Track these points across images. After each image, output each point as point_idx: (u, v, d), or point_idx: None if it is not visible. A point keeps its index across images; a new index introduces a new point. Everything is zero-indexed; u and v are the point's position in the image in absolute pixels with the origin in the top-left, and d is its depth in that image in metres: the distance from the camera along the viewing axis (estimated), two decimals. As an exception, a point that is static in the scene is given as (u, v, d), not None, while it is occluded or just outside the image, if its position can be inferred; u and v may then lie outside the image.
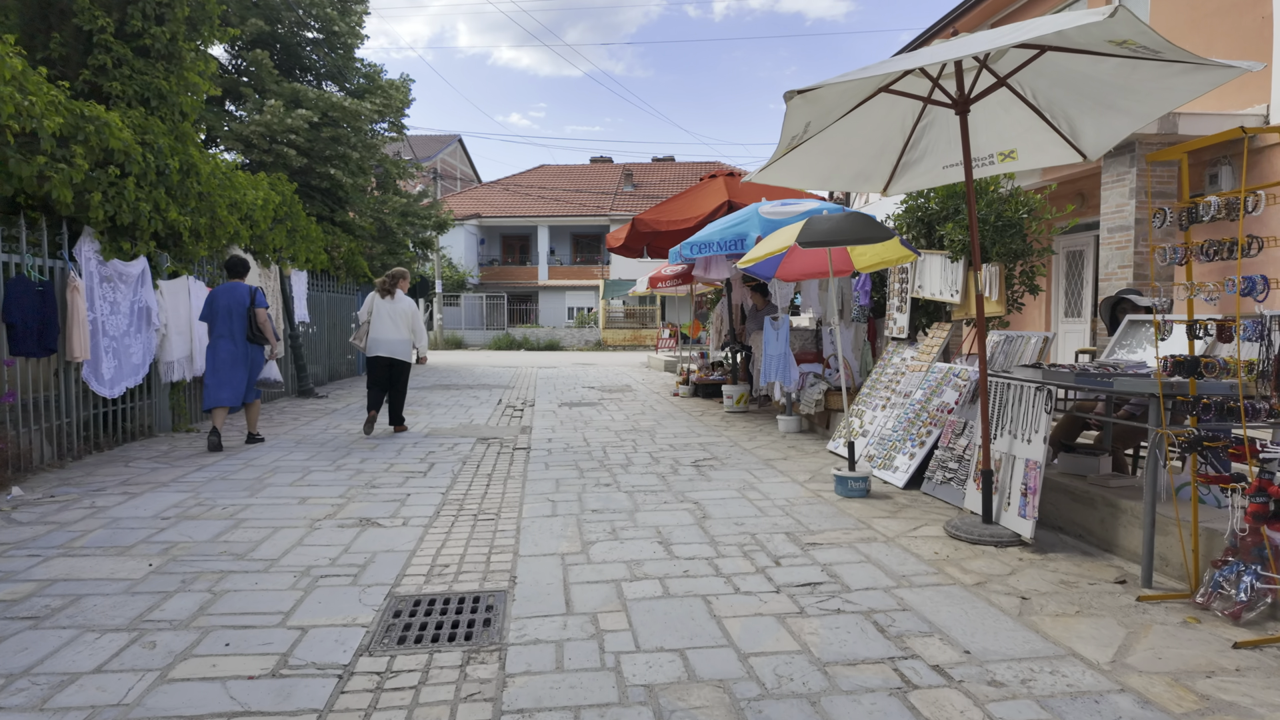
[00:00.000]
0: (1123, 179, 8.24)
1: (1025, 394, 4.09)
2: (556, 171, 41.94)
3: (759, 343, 9.42)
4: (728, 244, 7.22)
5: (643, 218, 8.87)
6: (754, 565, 3.73)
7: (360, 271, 14.57)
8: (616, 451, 6.93)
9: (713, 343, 12.60)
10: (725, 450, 6.94)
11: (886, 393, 6.41)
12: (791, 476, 5.80)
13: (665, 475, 5.87)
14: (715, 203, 8.49)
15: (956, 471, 4.96)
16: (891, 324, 6.75)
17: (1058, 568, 3.66)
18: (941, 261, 5.97)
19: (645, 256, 11.02)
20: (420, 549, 4.02)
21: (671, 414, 9.62)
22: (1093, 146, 4.57)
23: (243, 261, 7.21)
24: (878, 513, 4.73)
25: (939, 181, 5.17)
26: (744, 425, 8.50)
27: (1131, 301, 4.97)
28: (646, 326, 33.71)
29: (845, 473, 5.14)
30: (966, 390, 5.28)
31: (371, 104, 14.50)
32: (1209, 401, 2.88)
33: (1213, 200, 2.88)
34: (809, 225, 4.91)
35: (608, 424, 8.74)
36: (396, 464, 6.29)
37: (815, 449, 6.97)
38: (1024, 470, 4.00)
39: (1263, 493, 2.47)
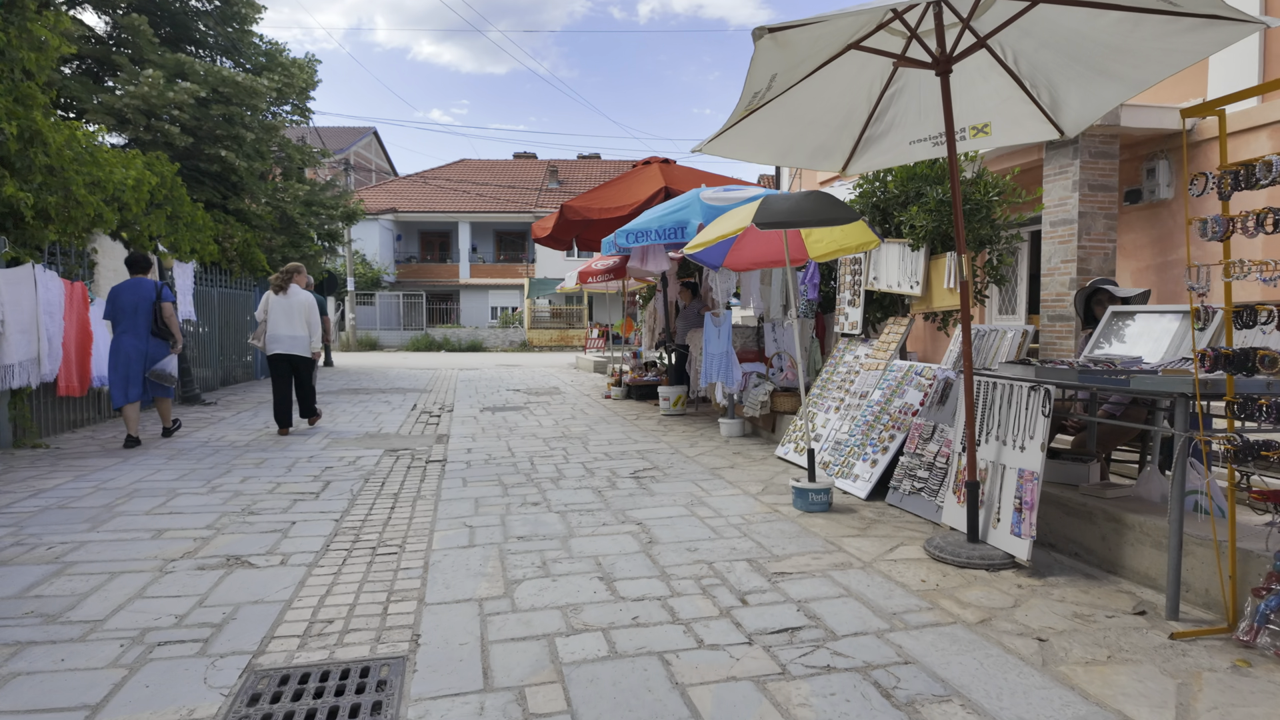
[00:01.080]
0: (1065, 171, 8.06)
1: (1017, 395, 3.59)
2: (478, 166, 40.58)
3: (697, 341, 8.84)
4: (667, 232, 6.59)
5: (572, 204, 8.14)
6: (716, 606, 3.08)
7: (257, 265, 13.25)
8: (545, 463, 6.18)
9: (646, 341, 11.97)
10: (666, 458, 6.30)
11: (839, 394, 5.90)
12: (743, 488, 5.20)
13: (602, 490, 5.17)
14: (651, 189, 7.85)
15: (927, 481, 4.45)
16: (842, 319, 6.26)
17: (1064, 596, 3.16)
18: (900, 250, 5.50)
19: (574, 249, 10.30)
20: (299, 598, 3.19)
21: (604, 418, 8.93)
22: (1074, 121, 4.14)
23: (144, 257, 7.08)
24: (845, 530, 4.17)
25: (903, 159, 4.66)
26: (683, 429, 7.89)
27: (1108, 292, 4.59)
28: (574, 326, 32.89)
29: (805, 484, 4.57)
30: (933, 390, 4.80)
31: (270, 81, 13.20)
32: (1268, 403, 2.40)
33: (1274, 159, 2.40)
34: (766, 204, 4.31)
35: (535, 430, 7.97)
36: (285, 483, 5.36)
37: (763, 455, 6.41)
38: (1017, 482, 3.50)
39: None
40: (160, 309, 6.85)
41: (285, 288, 7.47)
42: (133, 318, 6.75)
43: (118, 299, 6.79)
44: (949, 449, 4.38)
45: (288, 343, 7.44)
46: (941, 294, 5.15)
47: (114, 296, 6.82)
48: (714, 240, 4.51)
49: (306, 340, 7.54)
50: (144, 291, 6.84)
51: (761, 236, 5.26)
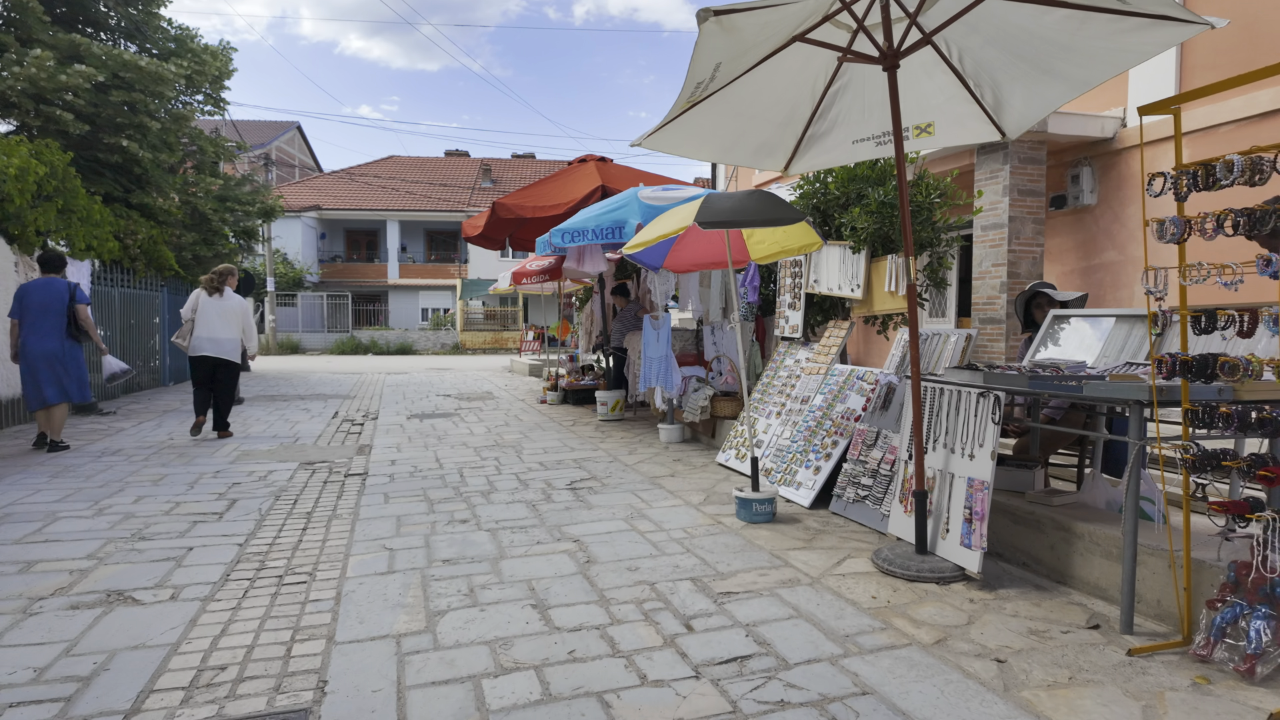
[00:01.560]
0: (996, 176, 8.19)
1: (965, 401, 3.48)
2: (408, 163, 39.45)
3: (635, 344, 8.62)
4: (604, 232, 6.34)
5: (505, 202, 7.80)
6: (660, 634, 2.85)
7: (164, 263, 12.36)
8: (476, 474, 5.84)
9: (582, 344, 11.70)
10: (604, 467, 6.04)
11: (781, 398, 5.77)
12: (684, 498, 4.99)
13: (536, 504, 4.88)
14: (588, 188, 7.59)
15: (871, 489, 4.34)
16: (783, 322, 6.14)
17: (1017, 610, 3.05)
18: (841, 253, 5.40)
19: (507, 249, 9.95)
20: (188, 640, 2.80)
21: (540, 424, 8.61)
22: (1015, 122, 4.09)
23: (58, 256, 6.91)
24: (790, 542, 4.00)
25: (845, 159, 4.55)
26: (622, 436, 7.65)
27: (1048, 295, 4.59)
28: (508, 328, 32.28)
29: (748, 494, 4.40)
30: (876, 395, 4.70)
31: (178, 68, 12.34)
32: (1229, 411, 2.32)
33: (1235, 159, 2.32)
34: (708, 203, 4.12)
35: (465, 439, 7.59)
36: (185, 502, 4.87)
37: (703, 461, 6.23)
38: (966, 491, 3.39)
39: None
40: (75, 311, 6.71)
41: (220, 289, 7.38)
42: (41, 318, 6.57)
43: (25, 298, 6.60)
44: (893, 456, 4.28)
45: (216, 345, 7.28)
46: (883, 297, 5.07)
47: (21, 295, 6.63)
48: (654, 240, 4.30)
49: (236, 345, 7.41)
50: (55, 291, 6.66)
51: (703, 237, 5.08)
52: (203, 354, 7.27)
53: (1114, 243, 8.33)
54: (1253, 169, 2.27)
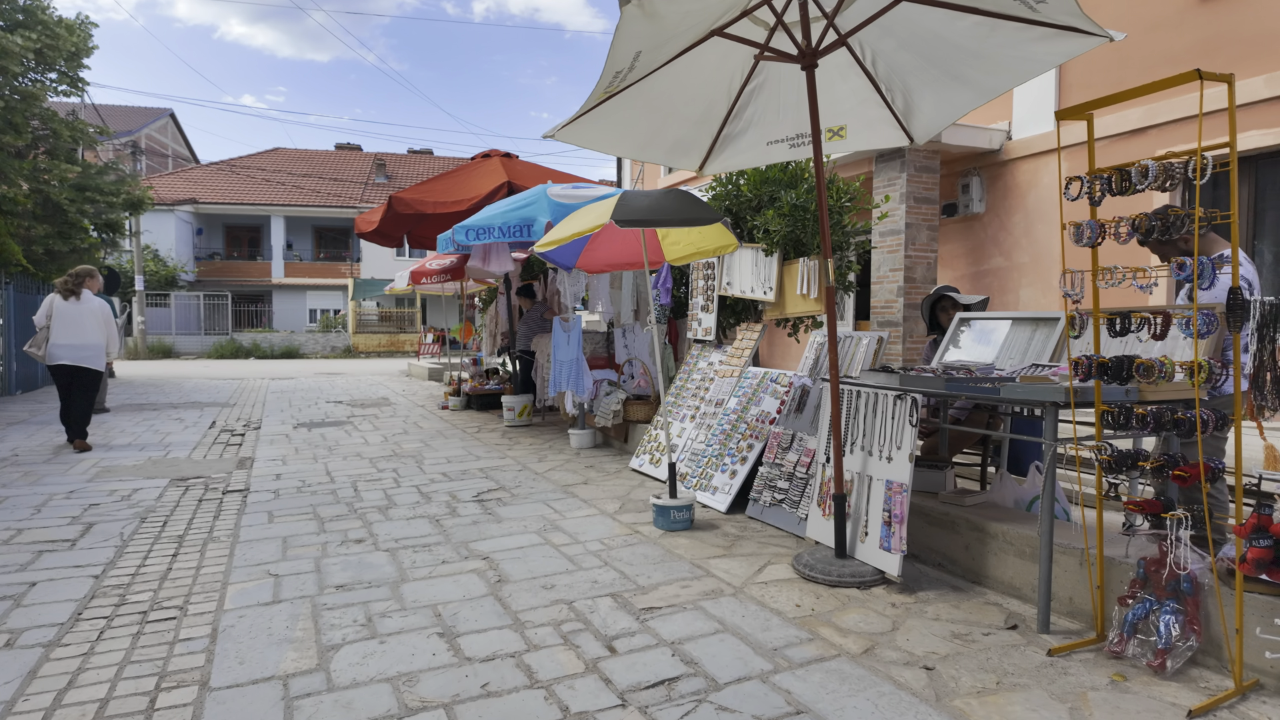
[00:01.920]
0: (894, 183, 8.46)
1: (882, 404, 3.48)
2: (295, 156, 37.36)
3: (544, 347, 8.37)
4: (511, 229, 6.07)
5: (403, 197, 7.37)
6: (581, 658, 2.65)
7: (9, 258, 11.05)
8: (372, 488, 5.44)
9: (486, 347, 11.30)
10: (513, 476, 5.77)
11: (695, 402, 5.69)
12: (599, 506, 4.81)
13: (441, 519, 4.57)
14: (493, 183, 7.28)
15: (788, 492, 4.30)
16: (696, 325, 6.07)
17: (938, 613, 3.05)
18: (753, 255, 5.37)
19: (405, 246, 9.46)
20: (24, 697, 2.38)
21: (442, 432, 8.20)
22: (924, 128, 4.15)
23: None
24: (710, 550, 3.90)
25: (760, 160, 4.51)
26: (530, 442, 7.38)
27: (952, 299, 4.70)
28: (405, 330, 31.07)
29: (666, 501, 4.26)
30: (791, 398, 4.68)
31: (25, 40, 11.07)
32: (1144, 412, 2.37)
33: (1150, 164, 2.36)
34: (624, 201, 3.96)
35: (360, 449, 7.11)
36: (30, 527, 4.26)
37: (617, 467, 6.06)
38: (885, 494, 3.38)
39: (1264, 533, 1.98)
40: None
41: (76, 292, 6.87)
42: None
43: None
44: (809, 459, 4.25)
45: (73, 352, 6.80)
46: (795, 300, 5.07)
47: None
48: (568, 238, 4.10)
49: (99, 351, 6.95)
50: None
51: (617, 236, 4.93)
52: (60, 362, 6.77)
53: (1000, 249, 8.79)
54: (1165, 174, 2.32)
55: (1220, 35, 6.62)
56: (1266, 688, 2.34)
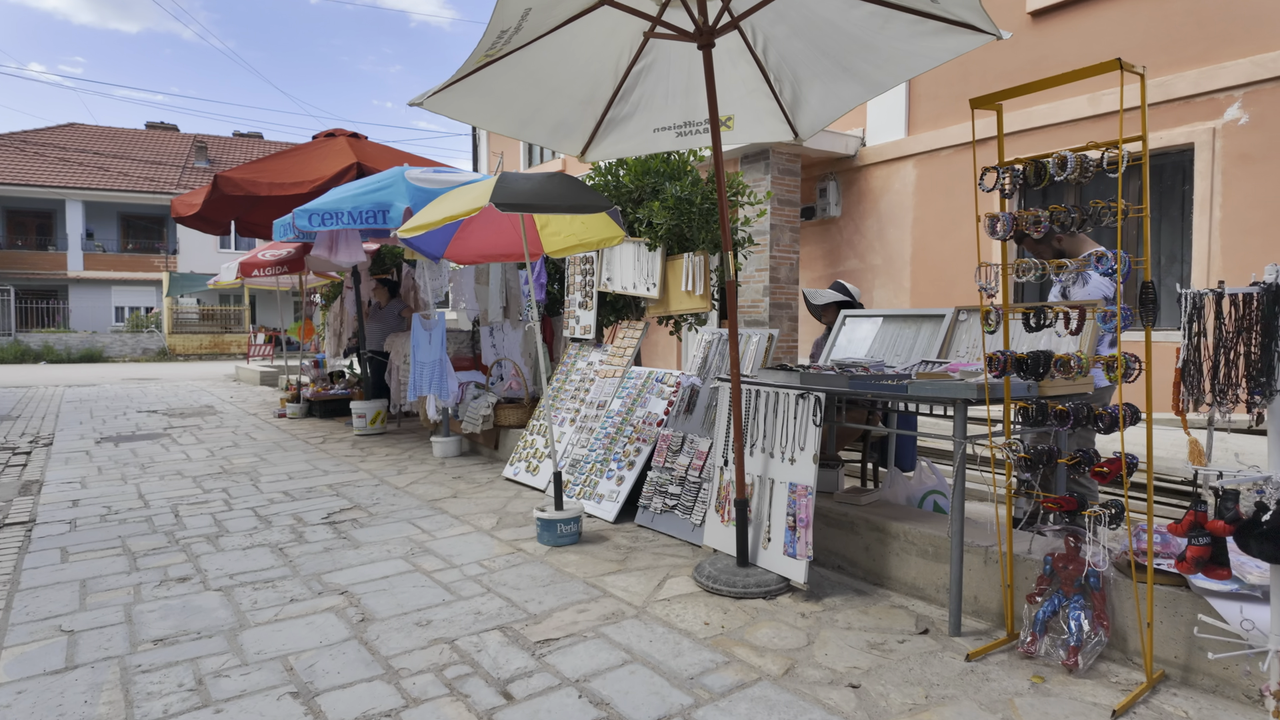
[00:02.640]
0: (759, 184, 8.56)
1: (783, 403, 3.33)
2: (97, 134, 32.96)
3: (400, 347, 7.69)
4: (364, 215, 5.44)
5: (232, 176, 6.43)
6: (473, 710, 2.26)
7: None
8: (198, 513, 4.65)
9: (330, 348, 10.31)
10: (370, 492, 5.16)
11: (574, 404, 5.36)
12: (473, 523, 4.36)
13: (286, 547, 3.93)
14: (340, 164, 6.53)
15: (680, 497, 4.08)
16: (573, 323, 5.73)
17: (849, 621, 2.92)
18: (635, 250, 5.13)
19: (231, 235, 8.38)
20: None
21: (280, 443, 7.30)
22: (809, 123, 4.08)
23: None
24: (604, 565, 3.59)
25: (645, 148, 4.26)
26: (387, 452, 6.71)
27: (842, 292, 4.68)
28: (232, 330, 28.24)
29: (551, 514, 3.91)
30: (679, 399, 4.47)
31: None
32: (1065, 409, 2.33)
33: (1068, 156, 2.33)
34: (505, 183, 3.56)
35: (181, 466, 6.15)
36: None
37: (488, 477, 5.60)
38: (789, 497, 3.23)
39: (1200, 531, 1.96)
40: None
41: None
42: None
43: None
44: (701, 461, 4.06)
45: None
46: (679, 297, 4.88)
47: None
48: (438, 222, 3.62)
49: None
50: None
51: (491, 223, 4.48)
52: None
53: (855, 251, 9.15)
54: (1081, 167, 2.30)
55: (1049, 56, 7.20)
56: (1172, 678, 2.38)
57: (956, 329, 3.64)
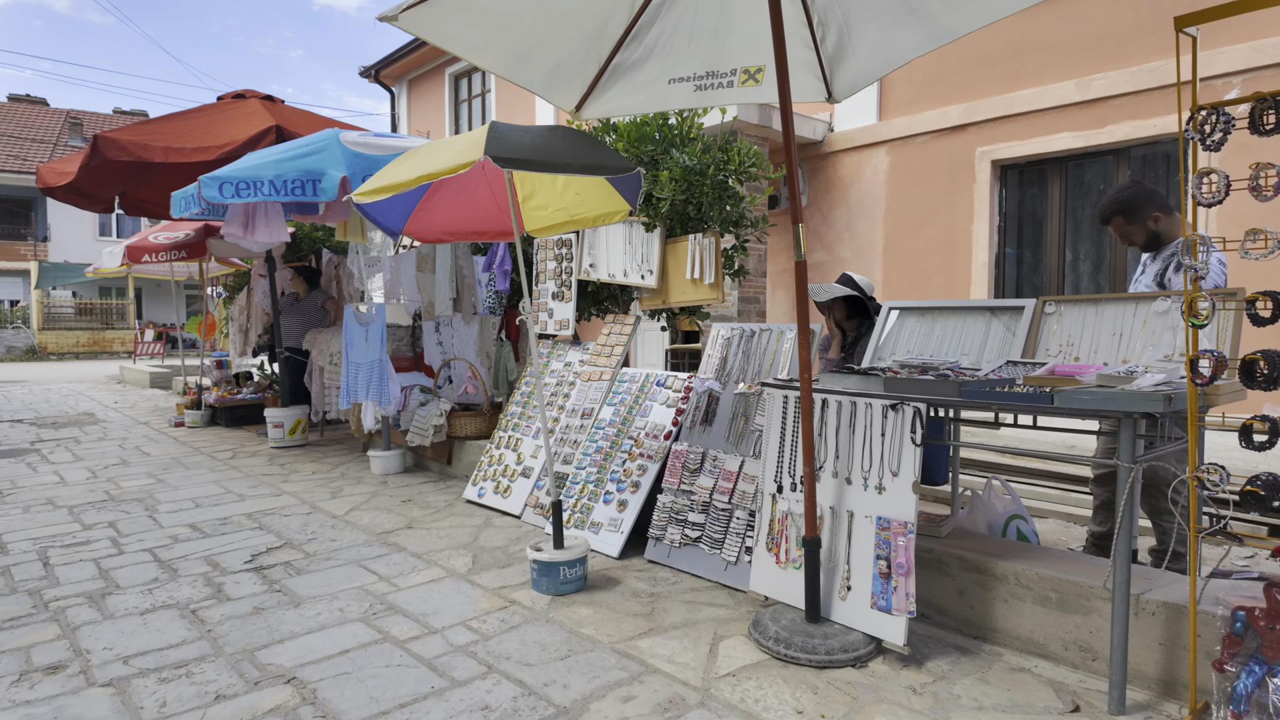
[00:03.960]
0: (728, 168, 7.92)
1: (864, 416, 2.67)
2: (-53, 103, 29.20)
3: (324, 345, 6.65)
4: (290, 185, 4.45)
5: (117, 137, 5.24)
6: None
7: None
8: (76, 559, 3.60)
9: (235, 346, 9.04)
10: (301, 523, 4.21)
11: (551, 412, 4.56)
12: (443, 564, 3.51)
13: (200, 607, 2.99)
14: (254, 128, 5.45)
15: (704, 528, 3.38)
16: (545, 317, 4.92)
17: (977, 698, 2.29)
18: (625, 231, 4.37)
19: (114, 215, 7.08)
20: None
21: (181, 459, 6.14)
22: (849, 80, 3.45)
23: None
24: (630, 623, 2.84)
25: (654, 104, 3.51)
26: (313, 469, 5.69)
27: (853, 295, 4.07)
28: (114, 326, 25.56)
29: (551, 554, 3.12)
30: (693, 407, 3.76)
31: None
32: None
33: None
34: (499, 134, 2.74)
35: (53, 493, 4.97)
36: None
37: (445, 500, 4.72)
38: (877, 535, 2.58)
39: None
40: None
41: None
42: None
43: None
44: (730, 483, 3.36)
45: None
46: (682, 285, 4.17)
47: None
48: (410, 183, 2.76)
49: None
50: None
51: (464, 193, 3.62)
52: None
53: (822, 243, 8.67)
54: None
55: (1031, 39, 6.88)
56: None
57: (1043, 323, 3.08)
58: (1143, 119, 6.21)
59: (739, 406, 3.53)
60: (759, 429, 3.39)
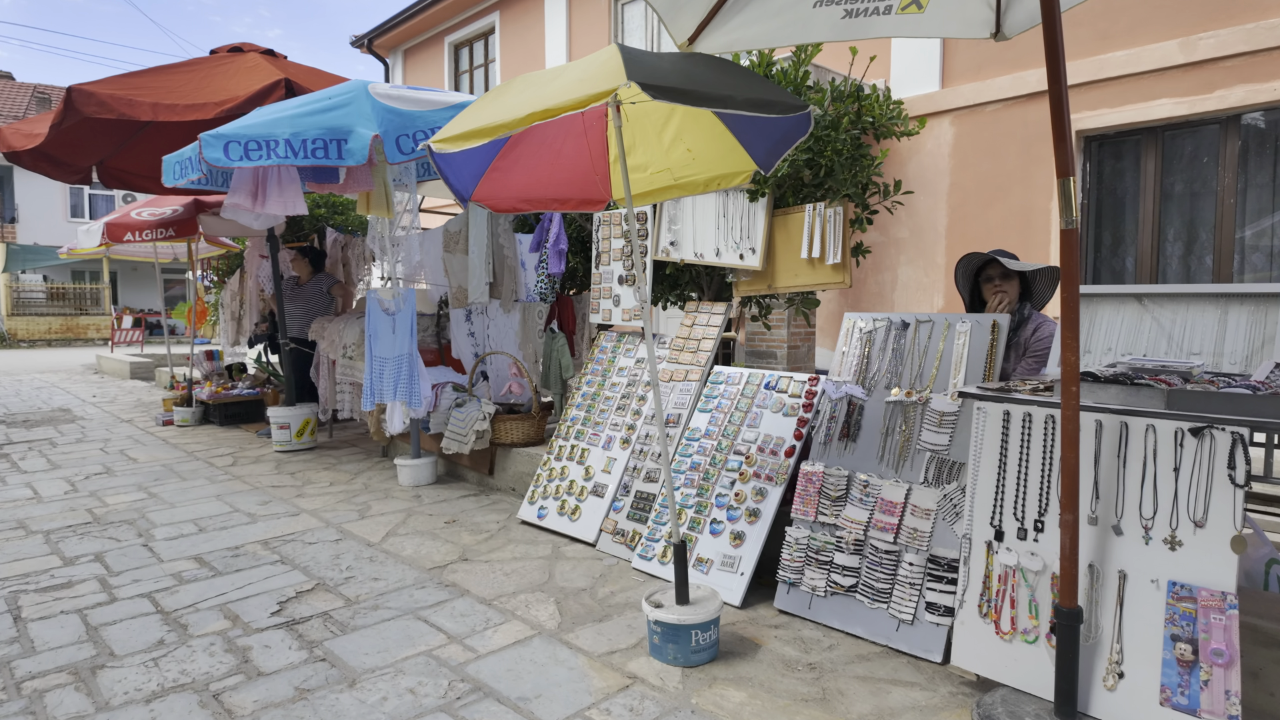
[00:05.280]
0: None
1: (1139, 442, 1.98)
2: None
3: (332, 335, 5.87)
4: (312, 146, 3.66)
5: (95, 90, 4.37)
6: None
7: None
8: (56, 608, 2.84)
9: (227, 335, 8.20)
10: (330, 553, 3.46)
11: (626, 418, 3.84)
12: (523, 615, 2.79)
13: (223, 688, 2.25)
14: (260, 81, 4.61)
15: (860, 573, 2.69)
16: (608, 305, 4.18)
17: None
18: (719, 201, 3.64)
19: (91, 192, 6.21)
20: None
21: (174, 466, 5.35)
22: (1028, 13, 2.76)
23: None
24: (800, 712, 2.14)
25: (789, 36, 2.77)
26: (330, 480, 4.93)
27: (1003, 265, 3.35)
28: (89, 312, 24.39)
29: (678, 613, 2.42)
30: (826, 418, 3.05)
31: None
32: None
33: None
34: (634, 57, 2.00)
35: (25, 513, 4.18)
36: None
37: (496, 521, 4.00)
38: (1169, 607, 1.90)
39: None
40: None
41: None
42: None
43: None
44: (895, 518, 2.67)
45: None
46: (793, 266, 3.45)
47: None
48: (509, 126, 2.00)
49: None
50: None
51: (548, 150, 2.83)
52: None
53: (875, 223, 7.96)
54: None
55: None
56: None
57: None
58: (1260, 82, 5.56)
59: (895, 418, 2.83)
60: (927, 448, 2.69)
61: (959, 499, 2.54)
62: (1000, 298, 3.24)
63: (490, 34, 13.15)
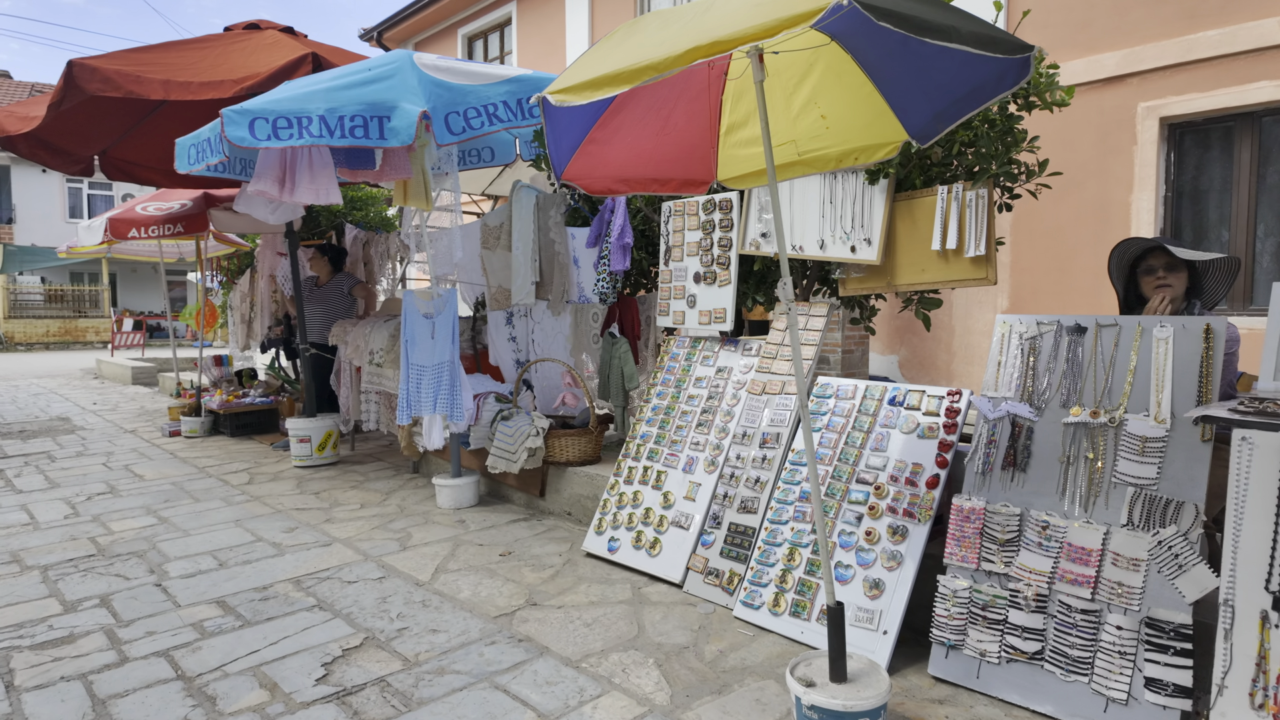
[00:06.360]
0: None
1: None
2: (-99, 73, 27.06)
3: (355, 340, 5.37)
4: (350, 124, 3.16)
5: (99, 66, 3.85)
6: None
7: None
8: (55, 674, 2.33)
9: (237, 339, 7.68)
10: (375, 594, 2.96)
11: (711, 436, 3.33)
12: (623, 684, 2.29)
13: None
14: (285, 56, 4.10)
15: (1045, 637, 2.18)
16: (681, 306, 3.68)
17: None
18: (824, 185, 3.14)
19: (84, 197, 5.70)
20: None
21: (183, 484, 4.84)
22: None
23: None
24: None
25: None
26: (360, 501, 4.43)
27: (1169, 254, 2.83)
28: (88, 314, 23.84)
29: (843, 698, 1.92)
30: (984, 441, 2.54)
31: None
32: None
33: None
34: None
35: (20, 543, 3.67)
36: None
37: (560, 553, 3.49)
38: None
39: None
40: None
41: None
42: None
43: None
44: (1090, 568, 2.17)
45: None
46: (919, 260, 2.95)
47: None
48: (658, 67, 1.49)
49: None
50: None
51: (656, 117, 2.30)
52: None
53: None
54: None
55: (1217, -29, 5.69)
56: None
57: None
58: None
59: (1076, 445, 2.33)
60: (1127, 481, 2.19)
61: (1182, 548, 2.04)
62: (1164, 294, 2.73)
63: (506, 25, 12.65)
